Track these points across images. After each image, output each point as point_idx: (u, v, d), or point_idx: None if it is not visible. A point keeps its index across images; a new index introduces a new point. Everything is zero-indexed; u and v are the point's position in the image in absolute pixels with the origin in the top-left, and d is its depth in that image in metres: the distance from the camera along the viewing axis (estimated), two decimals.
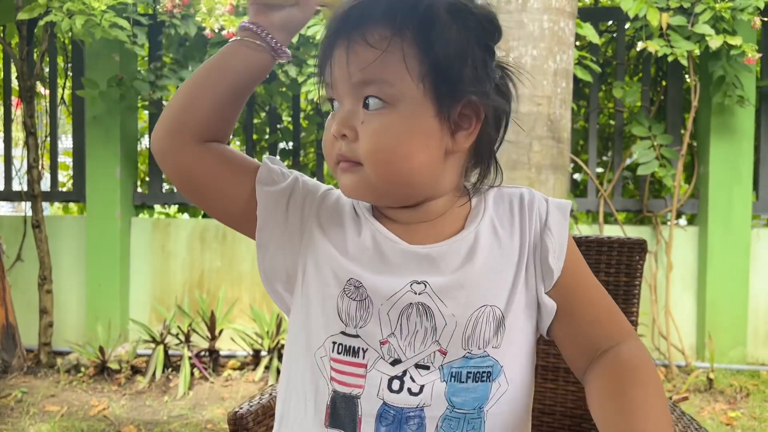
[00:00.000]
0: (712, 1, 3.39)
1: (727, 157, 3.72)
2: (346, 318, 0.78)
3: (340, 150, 0.77)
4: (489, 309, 0.78)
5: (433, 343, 0.77)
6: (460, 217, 0.83)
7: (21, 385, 3.35)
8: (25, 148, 3.86)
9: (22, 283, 3.93)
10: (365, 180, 0.77)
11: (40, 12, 3.27)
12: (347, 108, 0.77)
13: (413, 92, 0.75)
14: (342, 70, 0.76)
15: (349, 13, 0.76)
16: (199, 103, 0.80)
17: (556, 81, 2.61)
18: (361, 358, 0.77)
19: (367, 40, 0.74)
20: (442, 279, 0.78)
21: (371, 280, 0.78)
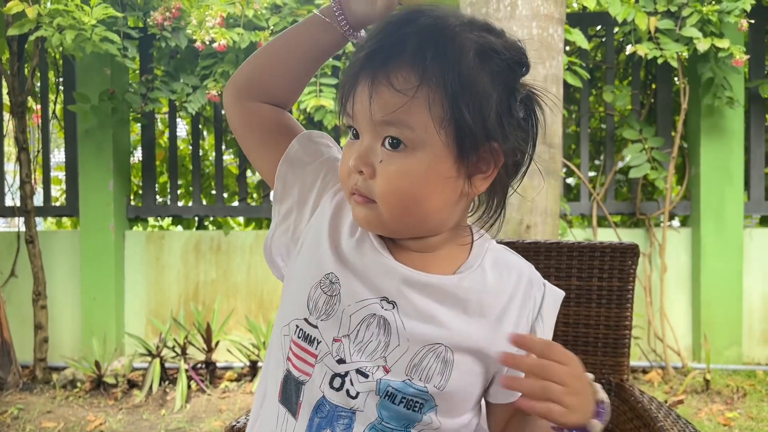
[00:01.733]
0: (699, 5, 3.42)
1: (718, 158, 3.74)
2: (313, 307, 0.81)
3: (356, 184, 0.78)
4: (442, 348, 0.79)
5: (380, 358, 0.79)
6: (456, 259, 0.84)
7: (17, 402, 3.33)
8: (17, 163, 3.85)
9: (16, 299, 3.91)
10: (378, 217, 0.78)
11: (30, 27, 3.27)
12: (366, 143, 0.77)
13: (434, 139, 0.74)
14: (363, 107, 0.75)
15: (376, 48, 0.75)
16: (270, 68, 0.88)
17: (547, 87, 2.63)
18: (314, 348, 0.80)
19: (392, 84, 0.73)
20: (413, 305, 0.79)
21: (348, 281, 0.81)
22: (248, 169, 4.34)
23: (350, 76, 0.78)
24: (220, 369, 3.71)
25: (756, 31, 3.80)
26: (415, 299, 0.80)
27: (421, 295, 0.80)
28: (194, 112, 3.69)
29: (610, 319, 1.19)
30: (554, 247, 1.23)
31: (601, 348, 1.20)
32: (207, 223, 4.33)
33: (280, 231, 0.88)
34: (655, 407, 1.01)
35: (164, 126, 4.66)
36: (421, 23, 0.75)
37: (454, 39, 0.74)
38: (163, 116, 4.53)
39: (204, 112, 4.13)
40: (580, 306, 1.21)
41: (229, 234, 4.02)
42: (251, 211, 4.18)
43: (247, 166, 4.29)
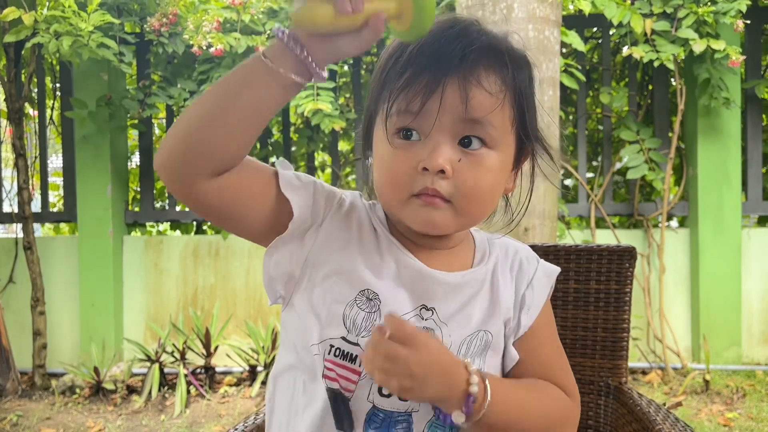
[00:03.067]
0: (694, 6, 3.42)
1: (715, 158, 3.75)
2: (351, 325, 0.80)
3: (432, 184, 0.76)
4: (483, 333, 0.84)
5: None
6: (469, 251, 0.89)
7: (16, 409, 3.32)
8: (14, 169, 3.85)
9: (14, 305, 3.90)
10: (450, 217, 0.79)
11: (27, 34, 3.27)
12: (439, 143, 0.76)
13: (508, 138, 0.80)
14: (451, 107, 0.76)
15: (448, 51, 0.76)
16: (217, 137, 0.72)
17: (543, 89, 2.63)
18: (357, 365, 0.79)
19: (483, 86, 0.76)
20: (450, 307, 0.83)
21: (388, 295, 0.81)
22: None
23: (429, 76, 0.76)
24: (220, 374, 3.70)
25: (752, 32, 3.81)
26: (451, 300, 0.83)
27: (456, 294, 0.83)
28: None
29: (608, 322, 1.19)
30: (551, 250, 1.23)
31: (599, 351, 1.20)
32: (205, 228, 4.33)
33: (279, 255, 0.83)
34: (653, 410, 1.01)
35: (162, 131, 4.66)
36: (480, 30, 0.80)
37: (514, 49, 0.81)
38: (161, 122, 4.53)
39: None
40: (578, 309, 1.21)
41: (228, 238, 4.02)
42: None
43: None
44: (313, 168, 4.15)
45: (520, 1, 2.58)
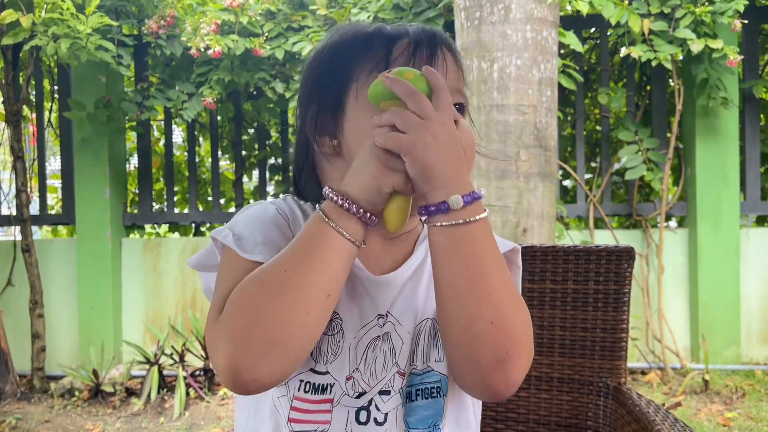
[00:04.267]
0: (692, 6, 3.43)
1: (714, 158, 3.75)
2: (317, 354, 0.77)
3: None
4: (429, 323, 0.81)
5: (393, 365, 0.79)
6: (412, 235, 0.86)
7: (15, 412, 3.32)
8: (13, 171, 3.85)
9: (13, 308, 3.90)
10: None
11: (25, 36, 3.27)
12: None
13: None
14: (453, 73, 0.80)
15: (429, 29, 0.81)
16: (299, 332, 0.68)
17: (541, 90, 2.63)
18: (328, 393, 0.77)
19: (461, 62, 0.82)
20: (400, 306, 0.81)
21: (347, 311, 0.78)
22: (244, 175, 4.34)
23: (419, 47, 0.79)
24: None
25: (750, 32, 3.82)
26: (402, 298, 0.81)
27: (403, 291, 0.82)
28: (190, 119, 3.69)
29: (606, 323, 1.19)
30: (550, 251, 1.23)
31: (598, 351, 1.20)
32: (204, 230, 4.32)
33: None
34: (652, 410, 1.01)
35: (160, 133, 4.66)
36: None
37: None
38: (159, 124, 4.53)
39: (200, 118, 4.13)
40: (577, 310, 1.21)
41: None
42: None
43: (243, 172, 4.29)
44: None
45: (518, 2, 2.59)
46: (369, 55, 0.79)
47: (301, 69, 3.52)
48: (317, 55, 0.84)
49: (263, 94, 3.93)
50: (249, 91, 4.02)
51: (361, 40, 0.81)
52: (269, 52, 3.52)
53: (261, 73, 3.63)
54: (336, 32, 0.85)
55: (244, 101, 4.08)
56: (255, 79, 3.63)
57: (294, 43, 3.48)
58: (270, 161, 4.30)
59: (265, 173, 4.22)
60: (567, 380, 1.21)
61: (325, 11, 3.60)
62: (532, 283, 1.23)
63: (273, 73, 3.69)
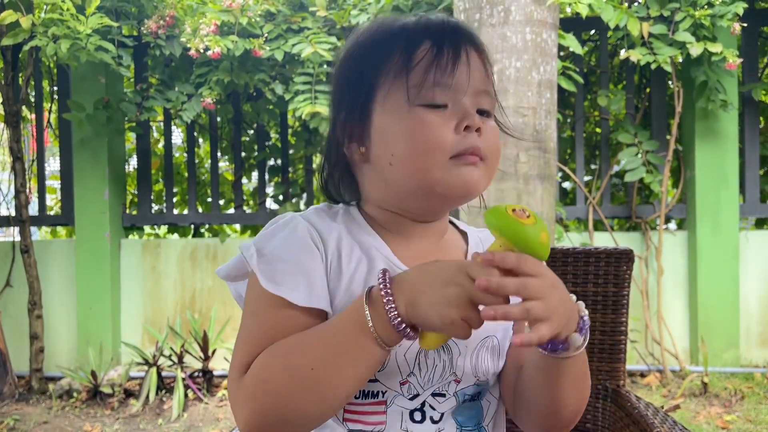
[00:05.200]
0: (691, 9, 3.43)
1: (713, 160, 3.75)
2: None
3: (474, 143, 0.78)
4: (490, 339, 0.84)
5: (451, 374, 0.81)
6: (458, 243, 0.90)
7: (13, 413, 3.31)
8: (12, 172, 3.85)
9: (11, 309, 3.89)
10: (485, 176, 0.81)
11: (24, 37, 3.27)
12: (468, 107, 0.79)
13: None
14: (474, 77, 0.79)
15: (452, 28, 0.80)
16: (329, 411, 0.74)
17: (541, 92, 2.63)
18: (380, 397, 0.79)
19: (489, 59, 0.82)
20: None
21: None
22: (244, 176, 4.34)
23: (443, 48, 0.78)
24: (217, 377, 3.69)
25: (749, 35, 3.82)
26: None
27: None
28: (189, 120, 3.68)
29: (605, 325, 1.19)
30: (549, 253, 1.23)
31: (597, 354, 1.19)
32: (203, 231, 4.32)
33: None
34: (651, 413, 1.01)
35: (159, 134, 4.66)
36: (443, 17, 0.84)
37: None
38: (158, 124, 4.53)
39: (199, 120, 4.13)
40: None
41: (225, 241, 4.01)
42: (247, 218, 4.18)
43: (243, 173, 4.29)
44: (310, 170, 4.14)
45: (517, 4, 2.59)
46: (391, 60, 0.79)
47: (301, 71, 3.53)
48: (346, 55, 0.85)
49: (263, 95, 3.93)
50: (248, 92, 4.02)
51: (384, 43, 0.81)
52: (269, 54, 3.52)
53: (260, 74, 3.63)
54: (364, 29, 0.85)
55: (244, 102, 4.08)
56: (254, 80, 3.63)
57: (293, 45, 3.47)
58: (269, 162, 4.30)
59: (264, 174, 4.22)
60: None
61: (324, 13, 3.60)
62: None
63: (272, 75, 3.69)
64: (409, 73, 0.78)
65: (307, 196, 4.13)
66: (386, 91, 0.79)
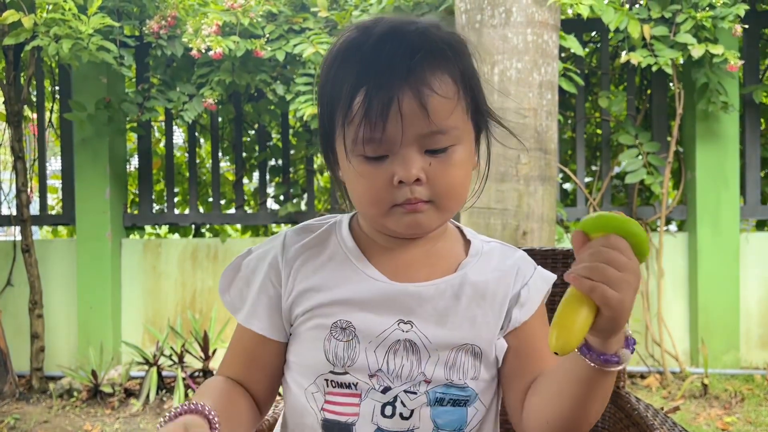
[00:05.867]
0: (692, 11, 3.43)
1: (714, 162, 3.76)
2: (334, 359, 0.83)
3: (412, 194, 0.78)
4: (470, 346, 0.84)
5: (419, 373, 0.83)
6: (456, 253, 0.90)
7: (13, 412, 3.31)
8: (13, 172, 3.85)
9: (12, 308, 3.90)
10: (434, 215, 0.81)
11: (26, 37, 3.27)
12: (408, 155, 0.78)
13: (468, 127, 0.82)
14: (413, 122, 0.76)
15: (397, 61, 0.76)
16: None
17: (542, 93, 2.64)
18: (354, 389, 0.83)
19: (438, 92, 0.77)
20: (428, 319, 0.84)
21: (359, 319, 0.83)
22: (245, 176, 4.34)
23: (374, 100, 0.76)
24: None
25: (750, 37, 3.82)
26: (429, 310, 0.84)
27: (432, 305, 0.84)
28: (190, 120, 3.69)
29: None
30: (549, 254, 1.23)
31: None
32: (204, 231, 4.33)
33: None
34: (651, 415, 1.01)
35: (161, 134, 4.66)
36: (415, 27, 0.80)
37: (449, 36, 0.82)
38: (160, 124, 4.53)
39: (200, 120, 4.13)
40: None
41: (226, 241, 4.02)
42: (248, 218, 4.18)
43: (244, 173, 4.29)
44: (312, 171, 4.15)
45: (518, 6, 2.59)
46: (339, 104, 0.80)
47: (302, 71, 3.53)
48: (321, 73, 0.86)
49: (264, 95, 3.93)
50: (250, 92, 4.03)
51: (338, 81, 0.80)
52: (270, 54, 3.52)
53: (262, 74, 3.63)
54: (335, 49, 0.84)
55: (245, 103, 4.08)
56: (256, 80, 3.63)
57: (295, 45, 3.48)
58: (270, 163, 4.30)
59: (265, 175, 4.22)
60: None
61: (326, 13, 3.60)
62: None
63: (274, 75, 3.69)
64: (345, 128, 0.79)
65: (307, 196, 4.13)
66: (337, 133, 0.82)
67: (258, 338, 0.88)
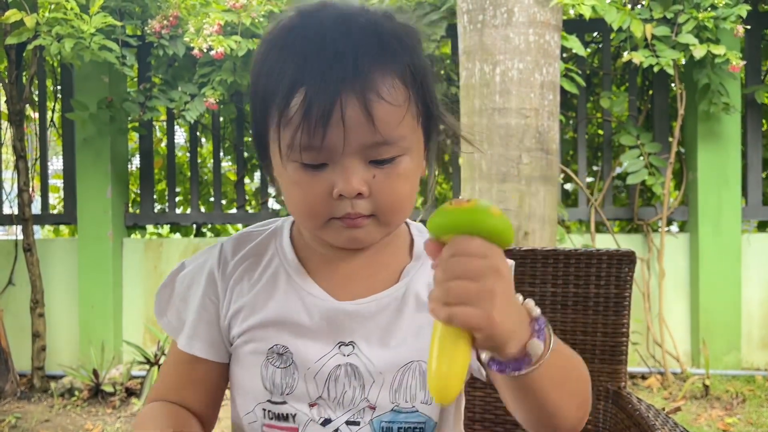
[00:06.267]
0: (695, 11, 3.43)
1: (715, 163, 3.75)
2: (271, 386, 0.77)
3: (352, 209, 0.71)
4: (416, 364, 0.77)
5: (362, 400, 0.77)
6: (399, 259, 0.82)
7: (15, 411, 3.32)
8: (15, 171, 3.86)
9: (13, 307, 3.90)
10: (375, 230, 0.74)
11: (28, 36, 3.28)
12: (350, 166, 0.70)
13: (417, 135, 0.74)
14: (356, 131, 0.68)
15: (341, 61, 0.67)
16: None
17: (543, 93, 2.64)
18: (292, 422, 0.77)
19: (386, 99, 0.68)
20: (370, 339, 0.77)
21: (297, 344, 0.77)
22: (246, 176, 4.34)
23: (313, 104, 0.67)
24: None
25: (752, 37, 3.82)
26: (371, 329, 0.77)
27: (373, 324, 0.78)
28: (192, 120, 3.69)
29: (607, 326, 1.19)
30: (551, 255, 1.23)
31: (598, 355, 1.20)
32: (205, 231, 4.33)
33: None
34: (652, 415, 1.01)
35: (162, 134, 4.66)
36: (365, 22, 0.71)
37: (400, 28, 0.73)
38: (161, 124, 4.54)
39: (202, 119, 4.14)
40: (577, 313, 1.21)
41: None
42: (249, 218, 4.18)
43: (245, 173, 4.29)
44: None
45: (520, 6, 2.59)
46: (273, 103, 0.71)
47: None
48: (255, 61, 0.76)
49: None
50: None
51: (272, 76, 0.71)
52: None
53: None
54: (269, 38, 0.75)
55: (247, 102, 4.08)
56: None
57: None
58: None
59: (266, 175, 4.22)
60: None
61: None
62: (533, 287, 1.23)
63: None
64: (281, 129, 0.70)
65: None
66: (272, 133, 0.73)
67: (200, 360, 0.81)
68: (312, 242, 0.81)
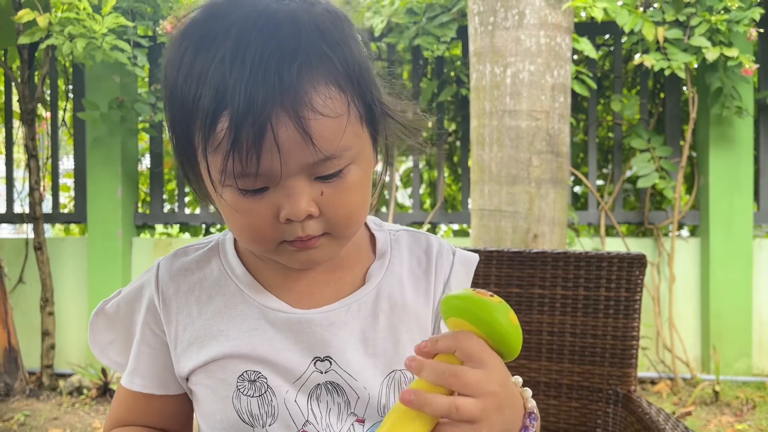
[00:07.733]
0: (707, 14, 3.41)
1: (727, 167, 3.72)
2: (250, 418, 0.70)
3: (303, 232, 0.65)
4: (399, 374, 0.73)
5: (350, 415, 0.72)
6: (362, 260, 0.78)
7: (23, 409, 3.34)
8: (26, 170, 3.88)
9: (23, 305, 3.92)
10: (331, 246, 0.69)
11: (41, 36, 3.30)
12: (295, 187, 0.63)
13: (364, 138, 0.67)
14: (293, 151, 0.60)
15: (266, 76, 0.58)
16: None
17: (554, 96, 2.63)
18: None
19: (323, 112, 0.60)
20: (345, 350, 0.72)
21: (269, 367, 0.71)
22: None
23: (242, 128, 0.58)
24: None
25: (765, 40, 3.79)
26: (346, 338, 0.72)
27: (349, 329, 0.73)
28: None
29: (617, 330, 1.18)
30: (561, 257, 1.22)
31: (608, 359, 1.19)
32: (214, 231, 4.34)
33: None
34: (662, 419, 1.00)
35: None
36: (285, 18, 0.61)
37: (328, 19, 0.64)
38: None
39: None
40: (587, 316, 1.20)
41: None
42: None
43: None
44: None
45: (531, 8, 2.59)
46: (197, 121, 0.62)
47: None
48: (167, 71, 0.66)
49: None
50: None
51: (190, 86, 0.62)
52: None
53: None
54: (175, 39, 0.66)
55: None
56: None
57: None
58: None
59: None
60: (576, 387, 1.20)
61: None
62: (543, 289, 1.22)
63: None
64: (208, 154, 0.62)
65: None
66: (198, 155, 0.64)
67: (147, 396, 0.76)
68: (263, 256, 0.74)
